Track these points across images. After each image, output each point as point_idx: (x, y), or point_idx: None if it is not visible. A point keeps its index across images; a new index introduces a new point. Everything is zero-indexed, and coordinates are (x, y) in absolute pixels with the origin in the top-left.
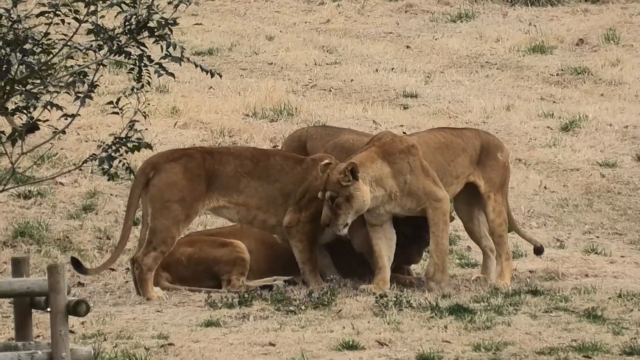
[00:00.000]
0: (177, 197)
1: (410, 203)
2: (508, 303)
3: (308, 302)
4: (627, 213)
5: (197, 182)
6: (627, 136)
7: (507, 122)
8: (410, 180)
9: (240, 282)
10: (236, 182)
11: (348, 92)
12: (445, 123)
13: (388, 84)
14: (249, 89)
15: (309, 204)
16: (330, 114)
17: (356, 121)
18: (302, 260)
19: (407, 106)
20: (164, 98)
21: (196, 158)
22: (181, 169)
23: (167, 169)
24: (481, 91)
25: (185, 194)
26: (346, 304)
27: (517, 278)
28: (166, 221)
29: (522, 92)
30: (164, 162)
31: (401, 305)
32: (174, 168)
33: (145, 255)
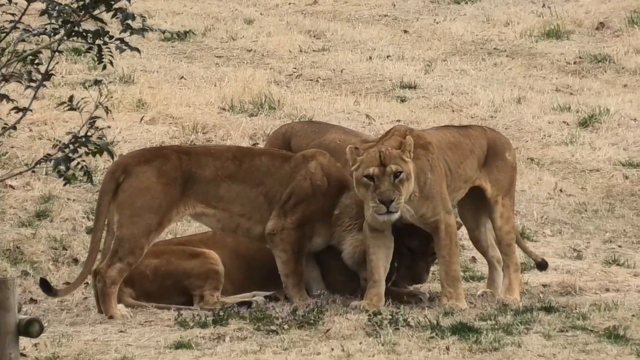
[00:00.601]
0: (150, 204)
1: (426, 209)
2: (518, 321)
3: (292, 320)
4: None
5: (173, 187)
6: None
7: (518, 116)
8: (431, 181)
9: (214, 298)
10: (215, 186)
11: (338, 82)
12: (447, 118)
13: (383, 74)
14: (225, 79)
15: (295, 207)
16: (317, 107)
17: (347, 115)
18: (286, 272)
19: (405, 99)
20: (129, 89)
21: (172, 159)
22: (155, 172)
23: (139, 173)
24: (488, 82)
25: (158, 200)
26: (335, 323)
27: (529, 293)
28: (136, 230)
29: (534, 82)
30: (136, 165)
31: (397, 324)
32: (146, 171)
33: (110, 267)
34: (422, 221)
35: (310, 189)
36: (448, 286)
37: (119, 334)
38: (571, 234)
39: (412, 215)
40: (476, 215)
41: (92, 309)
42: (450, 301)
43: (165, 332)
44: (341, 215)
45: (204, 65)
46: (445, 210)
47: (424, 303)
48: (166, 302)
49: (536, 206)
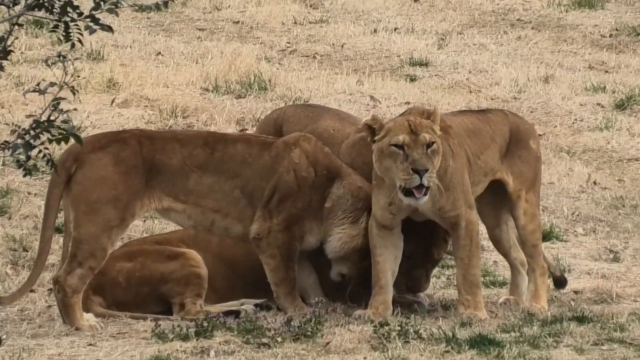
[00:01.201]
0: (107, 196)
1: (445, 202)
2: (546, 333)
3: (286, 332)
4: None
5: (134, 176)
6: None
7: (545, 98)
8: (453, 169)
9: (196, 307)
10: (184, 178)
11: (338, 59)
12: (464, 99)
13: (390, 49)
14: (209, 56)
15: (280, 205)
16: (314, 88)
17: (348, 97)
18: (275, 280)
19: (415, 77)
20: (98, 67)
21: (131, 144)
22: (111, 160)
23: (93, 161)
24: (511, 58)
25: (117, 191)
26: (336, 335)
27: (558, 300)
28: (94, 228)
29: (564, 58)
30: (89, 152)
31: (407, 336)
32: (102, 159)
33: (69, 274)
34: (440, 215)
35: (295, 183)
36: (466, 293)
37: (87, 347)
38: (607, 233)
39: (430, 207)
40: (497, 212)
41: (57, 318)
42: (468, 310)
43: (140, 345)
44: (333, 208)
45: (184, 40)
46: (467, 204)
47: (423, 311)
48: (142, 311)
49: (566, 201)
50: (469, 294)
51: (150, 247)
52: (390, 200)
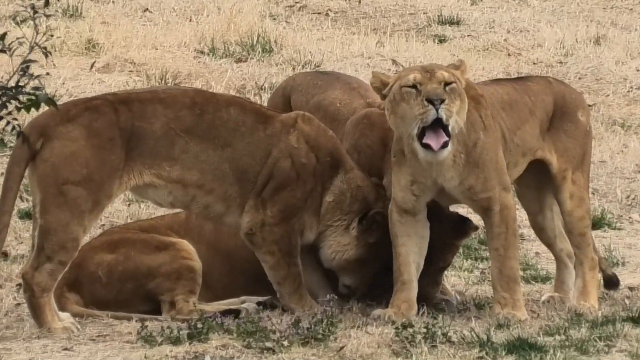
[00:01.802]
0: (78, 175)
1: (475, 179)
2: (596, 336)
3: (294, 335)
4: None
5: (110, 150)
6: None
7: (597, 62)
8: (484, 143)
9: (189, 305)
10: (169, 144)
11: (354, 17)
12: (502, 64)
13: (416, 5)
14: (204, 13)
15: (276, 195)
16: (327, 50)
17: (367, 61)
18: (277, 279)
19: (445, 38)
20: (75, 26)
21: (105, 113)
22: (83, 132)
23: (62, 134)
24: (557, 15)
25: (91, 169)
26: (351, 338)
27: (610, 298)
28: (64, 214)
29: (618, 16)
30: (57, 125)
31: (434, 340)
32: (72, 132)
33: (37, 270)
34: (469, 197)
35: (293, 171)
36: (502, 289)
37: (62, 352)
38: None
39: (456, 185)
40: (539, 196)
41: (27, 318)
42: (505, 309)
43: (124, 350)
44: (333, 204)
45: None
46: (502, 185)
47: (452, 310)
48: (126, 310)
49: (620, 182)
50: (506, 291)
51: (135, 235)
52: (412, 177)
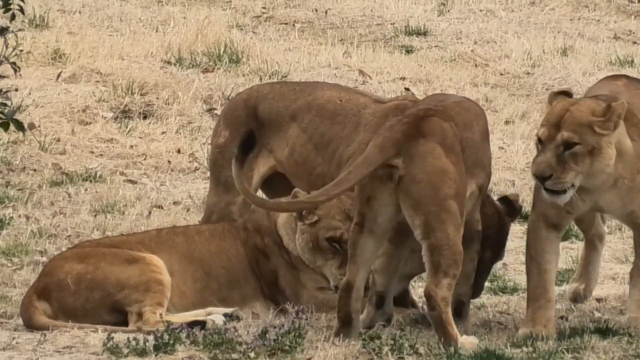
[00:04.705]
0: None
1: (637, 205)
2: (564, 348)
3: (260, 346)
4: None
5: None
6: None
7: (564, 73)
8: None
9: (156, 317)
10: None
11: (321, 27)
12: (468, 75)
13: (383, 16)
14: (171, 23)
15: None
16: (294, 60)
17: (334, 71)
18: None
19: (412, 49)
20: (42, 36)
21: (451, 127)
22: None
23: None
24: (524, 26)
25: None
26: (318, 350)
27: (578, 309)
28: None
29: (585, 27)
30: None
31: (402, 351)
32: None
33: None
34: (631, 220)
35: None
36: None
37: None
38: (629, 233)
39: (617, 209)
40: None
41: None
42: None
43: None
44: None
45: (142, 4)
46: None
47: (424, 322)
48: (92, 320)
49: None
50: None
51: (106, 249)
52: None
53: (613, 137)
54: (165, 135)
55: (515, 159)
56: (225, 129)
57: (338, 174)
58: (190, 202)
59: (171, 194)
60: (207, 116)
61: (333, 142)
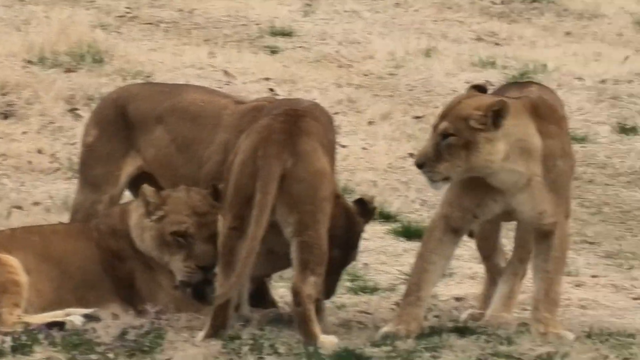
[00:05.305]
0: None
1: (548, 205)
2: (422, 347)
3: (119, 347)
4: (602, 211)
5: None
6: (604, 95)
7: (427, 74)
8: (560, 170)
9: (13, 317)
10: None
11: (186, 27)
12: (333, 75)
13: (248, 16)
14: (33, 22)
15: None
16: (158, 60)
17: (198, 72)
18: None
19: (277, 49)
20: None
21: None
22: None
23: None
24: (388, 27)
25: None
26: (178, 350)
27: (437, 308)
28: None
29: (449, 29)
30: None
31: (262, 351)
32: None
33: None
34: (538, 221)
35: None
36: (545, 310)
37: None
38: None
39: (527, 210)
40: None
41: None
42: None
43: None
44: None
45: (4, 3)
46: (565, 213)
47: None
48: None
49: None
50: (548, 312)
51: None
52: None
53: (497, 134)
54: (26, 136)
55: (378, 160)
56: (94, 128)
57: (199, 174)
58: (50, 203)
59: (31, 194)
60: (69, 116)
61: (194, 143)
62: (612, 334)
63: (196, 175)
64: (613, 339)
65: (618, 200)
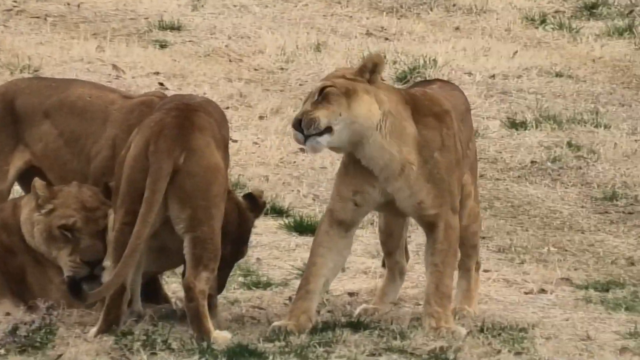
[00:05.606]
0: None
1: (426, 194)
2: (316, 342)
3: (11, 343)
4: (493, 206)
5: None
6: (493, 90)
7: (317, 68)
8: (437, 161)
9: None
10: None
11: (74, 21)
12: (223, 69)
13: (136, 10)
14: None
15: None
16: (46, 54)
17: (87, 66)
18: None
19: (166, 44)
20: None
21: None
22: None
23: None
24: (278, 22)
25: None
26: (70, 346)
27: (330, 303)
28: None
29: (338, 23)
30: None
31: (154, 347)
32: None
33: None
34: (419, 212)
35: None
36: (436, 304)
37: None
38: None
39: (407, 197)
40: None
41: None
42: (442, 323)
43: None
44: None
45: None
46: (451, 206)
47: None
48: None
49: None
50: (440, 306)
51: None
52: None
53: (374, 90)
54: None
55: (269, 154)
56: None
57: (87, 169)
58: None
59: None
60: None
61: (82, 138)
62: (505, 328)
63: (85, 170)
64: (505, 334)
65: (509, 195)
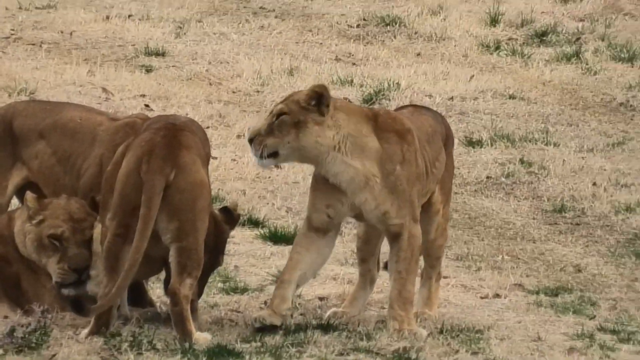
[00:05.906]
0: None
1: (390, 205)
2: (289, 343)
3: (8, 343)
4: (452, 217)
5: None
6: (452, 111)
7: (290, 90)
8: (398, 175)
9: None
10: None
11: (67, 47)
12: (204, 92)
13: (124, 37)
14: None
15: None
16: (41, 78)
17: (79, 89)
18: None
19: (151, 68)
20: None
21: None
22: None
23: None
24: (254, 48)
25: None
26: (63, 347)
27: (302, 307)
28: None
29: (310, 49)
30: None
31: (140, 347)
32: None
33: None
34: (384, 222)
35: None
36: (399, 308)
37: None
38: (354, 236)
39: (372, 209)
40: None
41: None
42: (405, 326)
43: None
44: None
45: None
46: (412, 217)
47: (158, 320)
48: None
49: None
50: (403, 310)
51: None
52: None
53: (326, 120)
54: None
55: (246, 170)
56: None
57: (78, 185)
58: None
59: None
60: None
61: (72, 156)
62: (462, 330)
63: (75, 185)
64: (463, 335)
65: (466, 207)
